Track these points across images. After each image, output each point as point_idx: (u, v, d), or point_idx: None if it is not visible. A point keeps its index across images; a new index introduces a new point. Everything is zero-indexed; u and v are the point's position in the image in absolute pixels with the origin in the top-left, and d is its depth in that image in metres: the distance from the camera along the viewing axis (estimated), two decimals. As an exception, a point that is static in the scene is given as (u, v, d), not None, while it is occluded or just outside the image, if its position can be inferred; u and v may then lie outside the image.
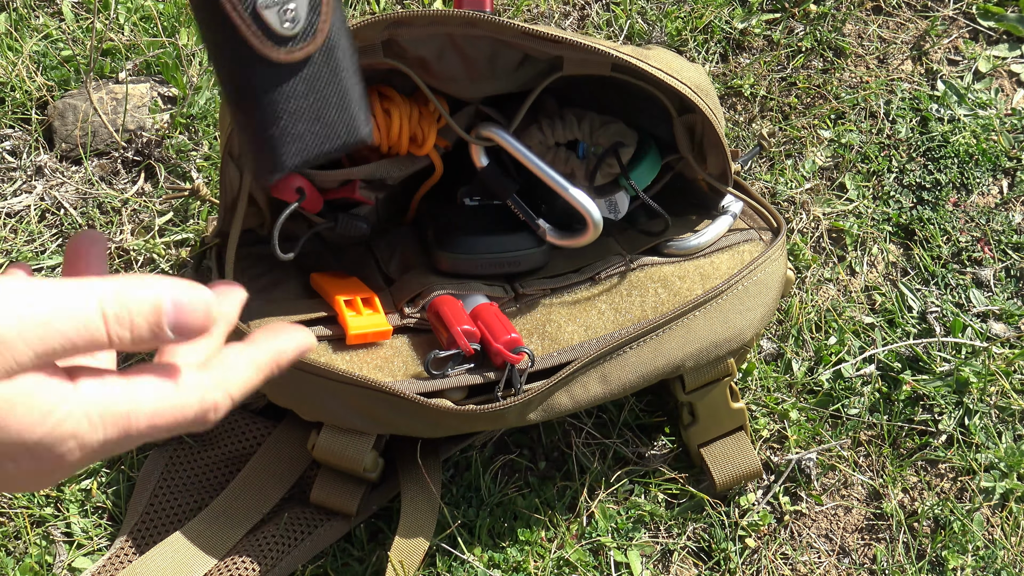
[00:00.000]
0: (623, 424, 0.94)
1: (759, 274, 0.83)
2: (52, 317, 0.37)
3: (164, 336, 0.39)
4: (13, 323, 0.36)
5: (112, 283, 0.39)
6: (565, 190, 0.82)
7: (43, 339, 0.36)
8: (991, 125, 1.08)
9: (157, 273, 0.97)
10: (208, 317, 0.40)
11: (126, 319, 0.38)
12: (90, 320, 0.37)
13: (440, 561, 0.87)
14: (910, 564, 0.90)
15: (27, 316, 0.36)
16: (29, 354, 0.36)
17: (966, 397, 0.96)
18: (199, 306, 0.40)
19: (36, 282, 0.37)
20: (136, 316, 0.39)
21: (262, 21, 0.45)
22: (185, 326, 0.40)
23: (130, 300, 0.39)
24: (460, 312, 0.81)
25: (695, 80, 0.80)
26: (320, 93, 0.47)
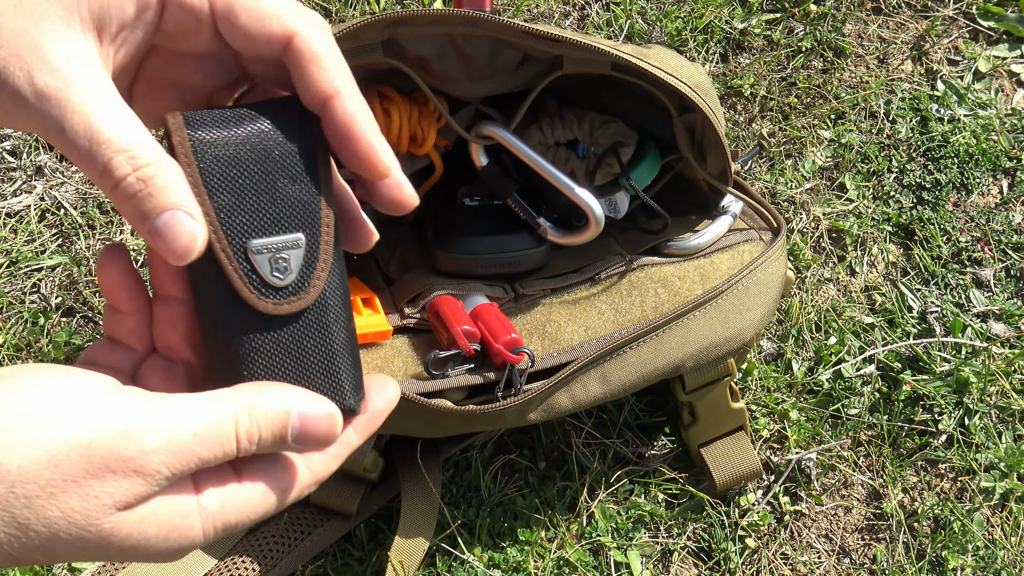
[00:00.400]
0: (623, 424, 0.94)
1: (759, 274, 0.83)
2: (193, 443, 0.39)
3: (286, 447, 0.42)
4: (160, 445, 0.38)
5: (245, 399, 0.41)
6: (566, 186, 0.82)
7: (182, 462, 0.39)
8: (991, 125, 1.08)
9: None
10: (332, 432, 0.43)
11: (255, 434, 0.41)
12: (226, 441, 0.40)
13: (440, 561, 0.87)
14: (910, 564, 0.90)
15: (171, 442, 0.39)
16: (167, 474, 0.39)
17: (966, 397, 0.96)
18: (324, 421, 0.42)
19: (177, 401, 0.40)
20: (264, 431, 0.41)
21: (251, 265, 0.42)
22: (308, 439, 0.42)
23: (261, 416, 0.41)
24: (460, 312, 0.81)
25: (695, 79, 0.80)
26: (304, 353, 0.43)
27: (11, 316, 0.95)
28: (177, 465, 0.39)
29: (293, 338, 0.43)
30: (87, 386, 0.39)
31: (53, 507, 0.37)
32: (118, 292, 0.44)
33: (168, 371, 0.46)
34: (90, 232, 0.99)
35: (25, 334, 0.95)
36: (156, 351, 0.46)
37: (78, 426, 0.38)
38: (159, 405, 0.39)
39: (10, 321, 0.95)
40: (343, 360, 0.44)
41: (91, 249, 0.98)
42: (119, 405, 0.39)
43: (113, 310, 0.45)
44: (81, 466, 0.37)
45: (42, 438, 0.37)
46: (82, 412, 0.38)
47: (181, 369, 0.45)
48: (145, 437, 0.38)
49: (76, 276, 0.97)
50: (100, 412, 0.38)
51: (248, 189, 0.42)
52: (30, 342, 0.95)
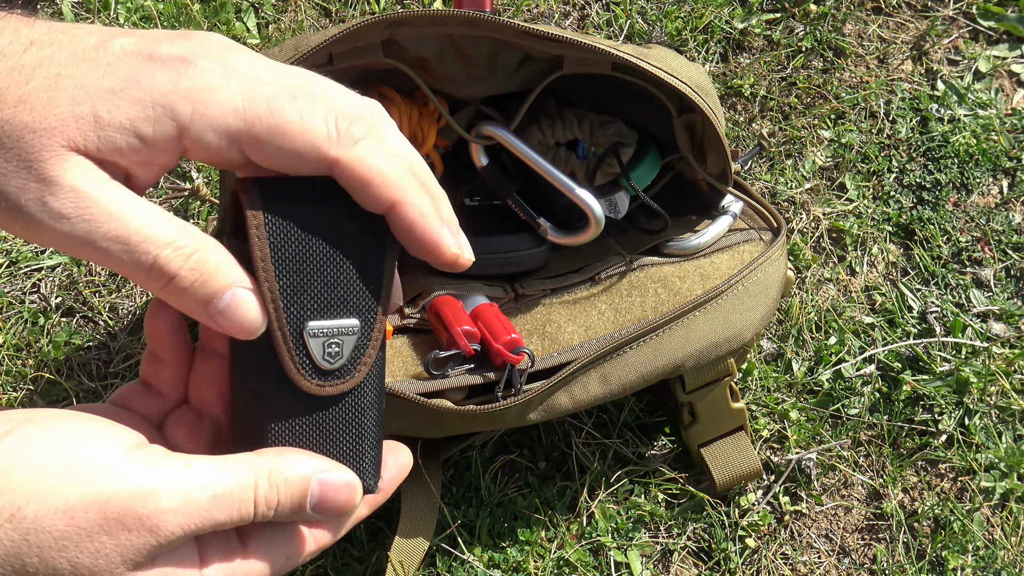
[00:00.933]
0: (623, 424, 0.94)
1: (759, 274, 0.83)
2: (211, 505, 0.39)
3: (304, 515, 0.42)
4: (177, 506, 0.38)
5: (266, 463, 0.41)
6: (566, 186, 0.82)
7: (198, 524, 0.39)
8: (991, 125, 1.08)
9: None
10: (351, 503, 0.43)
11: (274, 500, 0.41)
12: (243, 504, 0.40)
13: (440, 561, 0.87)
14: (910, 564, 0.90)
15: (189, 503, 0.38)
16: (180, 534, 0.38)
17: (966, 397, 0.96)
18: (344, 492, 0.42)
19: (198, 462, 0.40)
20: (284, 496, 0.41)
21: (305, 348, 0.41)
22: (327, 508, 0.42)
23: (281, 482, 0.41)
24: (460, 312, 0.81)
25: (695, 79, 0.80)
26: (334, 431, 0.43)
27: (11, 316, 0.95)
28: (192, 526, 0.38)
29: (326, 417, 0.43)
30: (111, 441, 0.39)
31: (63, 559, 0.37)
32: (164, 342, 0.45)
33: (195, 424, 0.45)
34: (90, 232, 0.99)
35: (25, 334, 0.95)
36: (187, 402, 0.46)
37: (97, 481, 0.37)
38: (179, 465, 0.39)
39: (10, 321, 0.95)
40: (370, 442, 0.44)
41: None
42: (140, 463, 0.39)
43: (154, 357, 0.45)
44: (96, 521, 0.37)
45: (61, 489, 0.37)
46: (103, 467, 0.38)
47: (208, 424, 0.45)
48: (163, 497, 0.38)
49: (76, 276, 0.97)
50: (121, 468, 0.38)
51: (314, 270, 0.41)
52: (30, 342, 0.95)
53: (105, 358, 0.95)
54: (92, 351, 0.95)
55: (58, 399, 0.93)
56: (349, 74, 0.78)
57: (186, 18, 1.07)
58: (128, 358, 0.94)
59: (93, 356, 0.94)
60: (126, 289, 0.97)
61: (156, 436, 0.45)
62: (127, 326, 0.96)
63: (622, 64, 0.77)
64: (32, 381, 0.93)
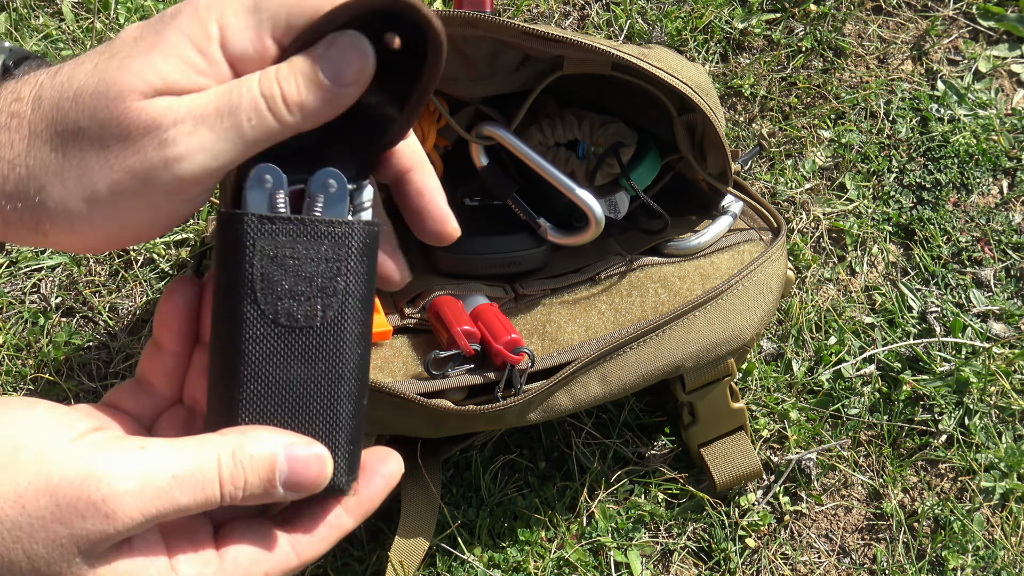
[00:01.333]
0: (623, 424, 0.94)
1: (759, 274, 0.83)
2: (172, 485, 0.37)
3: (275, 493, 0.40)
4: (134, 487, 0.36)
5: (229, 441, 0.39)
6: (566, 187, 0.82)
7: (159, 507, 0.36)
8: (991, 125, 1.08)
9: (156, 274, 0.97)
10: (322, 474, 0.40)
11: (240, 478, 0.38)
12: (207, 484, 0.38)
13: (440, 561, 0.87)
14: (910, 564, 0.90)
15: (146, 484, 0.36)
16: (139, 519, 0.36)
17: (966, 397, 0.96)
18: (314, 464, 0.40)
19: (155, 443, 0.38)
20: (250, 474, 0.39)
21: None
22: (298, 483, 0.40)
23: (246, 458, 0.39)
24: (460, 312, 0.81)
25: (695, 79, 0.80)
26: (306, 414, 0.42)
27: (11, 316, 0.95)
28: (153, 510, 0.36)
29: (298, 395, 0.42)
30: (65, 427, 0.37)
31: (18, 551, 0.35)
32: (172, 327, 0.44)
33: (187, 423, 0.44)
34: (90, 232, 0.99)
35: (25, 334, 0.95)
36: (181, 401, 0.45)
37: (46, 465, 0.35)
38: (134, 447, 0.37)
39: (10, 321, 0.95)
40: (344, 433, 0.42)
41: (91, 249, 0.98)
42: (93, 445, 0.37)
43: (157, 346, 0.44)
44: (49, 508, 0.35)
45: (10, 476, 0.35)
46: (53, 452, 0.36)
47: (200, 425, 0.44)
48: (117, 479, 0.36)
49: (76, 276, 0.97)
50: (72, 452, 0.36)
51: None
52: (30, 342, 0.95)
53: (105, 358, 0.95)
54: (92, 351, 0.95)
55: (58, 399, 0.93)
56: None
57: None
58: (128, 358, 0.94)
59: (93, 356, 0.94)
60: (126, 289, 0.97)
61: (143, 434, 0.43)
62: (127, 326, 0.96)
63: (622, 64, 0.77)
64: (32, 381, 0.93)
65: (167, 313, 0.44)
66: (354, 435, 0.43)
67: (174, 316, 0.44)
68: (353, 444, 0.43)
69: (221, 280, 0.42)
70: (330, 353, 0.42)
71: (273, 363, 0.42)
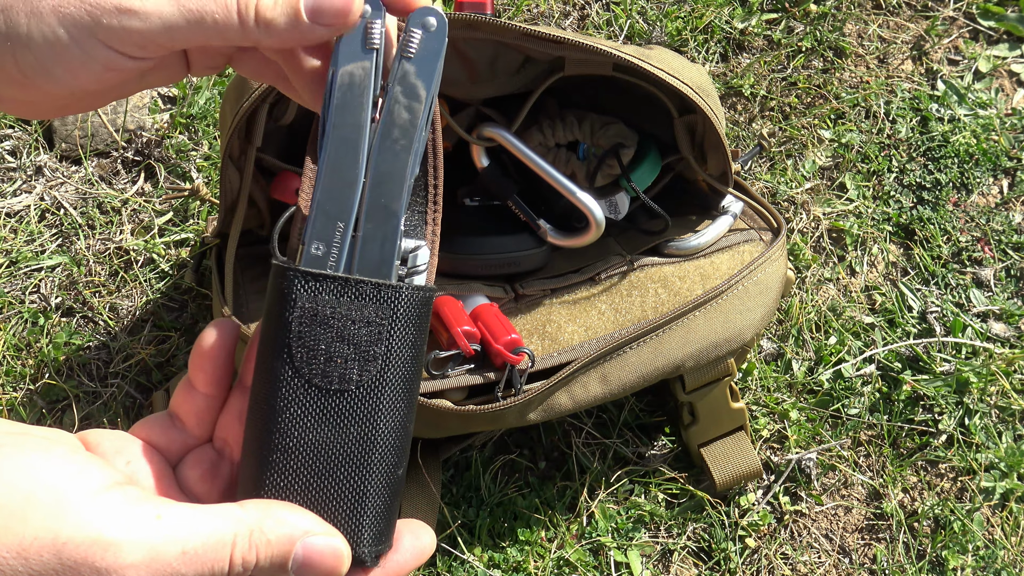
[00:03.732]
0: (623, 424, 0.94)
1: (759, 274, 0.83)
2: (180, 563, 0.35)
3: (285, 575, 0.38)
4: (140, 560, 0.35)
5: (248, 519, 0.38)
6: (567, 189, 0.82)
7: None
8: (991, 125, 1.08)
9: (156, 274, 0.97)
10: (337, 568, 0.39)
11: (252, 560, 0.37)
12: (218, 564, 0.36)
13: (440, 561, 0.87)
14: (910, 564, 0.90)
15: (155, 559, 0.35)
16: None
17: (966, 397, 0.96)
18: (329, 556, 0.39)
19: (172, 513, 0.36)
20: (263, 557, 0.38)
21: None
22: (310, 573, 0.38)
23: (263, 542, 0.38)
24: (460, 312, 0.81)
25: (696, 80, 0.80)
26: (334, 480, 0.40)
27: (11, 316, 0.95)
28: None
29: (329, 461, 0.40)
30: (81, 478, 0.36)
31: None
32: (206, 370, 0.43)
33: (214, 466, 0.44)
34: (90, 232, 0.99)
35: (25, 334, 0.95)
36: (211, 442, 0.44)
37: (57, 522, 0.34)
38: (151, 514, 0.36)
39: (10, 321, 0.95)
40: (373, 503, 0.41)
41: (91, 249, 0.98)
42: (107, 507, 0.35)
43: (190, 387, 0.44)
44: (51, 565, 0.34)
45: (17, 526, 0.34)
46: (65, 507, 0.35)
47: (227, 468, 0.43)
48: (125, 550, 0.34)
49: (76, 276, 0.97)
50: (85, 511, 0.35)
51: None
52: (30, 342, 0.95)
53: (105, 358, 0.95)
54: (92, 351, 0.95)
55: (58, 399, 0.93)
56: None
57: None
58: (128, 358, 0.94)
59: (93, 356, 0.94)
60: (126, 289, 0.97)
61: (168, 472, 0.43)
62: (127, 326, 0.96)
63: (623, 65, 0.77)
64: (32, 381, 0.93)
65: (201, 356, 0.43)
66: (385, 506, 0.41)
67: (208, 359, 0.43)
68: (383, 514, 0.41)
69: (264, 332, 0.42)
70: (363, 419, 0.41)
71: (305, 425, 0.40)
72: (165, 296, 0.97)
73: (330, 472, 0.40)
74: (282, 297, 0.41)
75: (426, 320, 0.42)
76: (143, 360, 0.94)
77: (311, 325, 0.40)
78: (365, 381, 0.41)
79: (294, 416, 0.40)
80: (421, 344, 0.42)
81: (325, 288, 0.40)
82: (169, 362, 0.94)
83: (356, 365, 0.40)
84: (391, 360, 0.41)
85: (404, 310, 0.41)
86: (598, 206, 0.82)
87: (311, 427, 0.40)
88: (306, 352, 0.40)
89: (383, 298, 0.41)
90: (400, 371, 0.41)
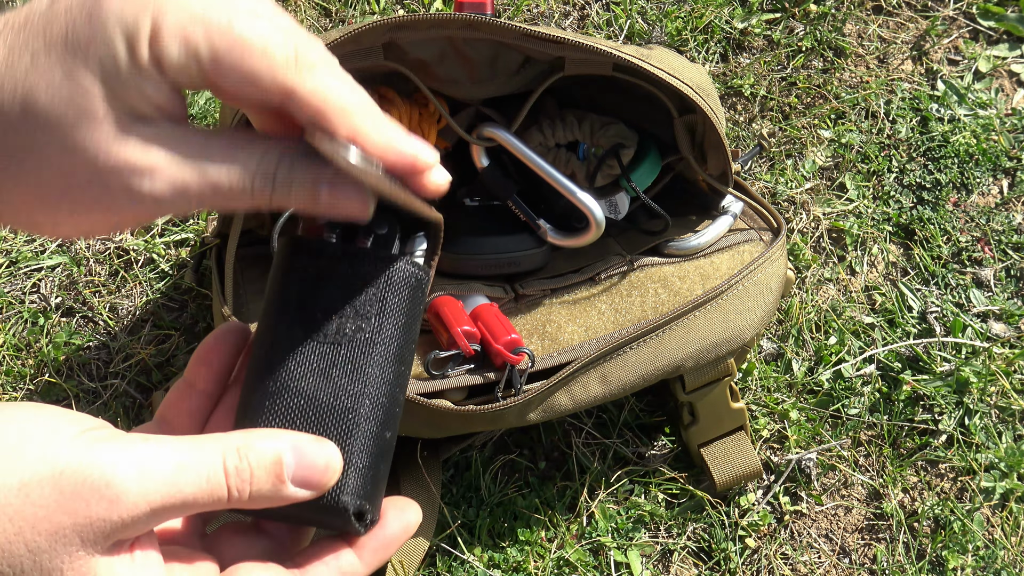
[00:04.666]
0: (623, 424, 0.94)
1: (759, 274, 0.84)
2: (176, 474, 0.36)
3: (285, 490, 0.39)
4: (132, 475, 0.35)
5: (235, 437, 0.38)
6: (567, 189, 0.82)
7: (165, 497, 0.36)
8: (991, 125, 1.08)
9: (156, 274, 0.97)
10: (330, 471, 0.40)
11: (247, 472, 0.38)
12: (213, 476, 0.37)
13: (440, 561, 0.87)
14: (910, 564, 0.90)
15: (149, 470, 0.36)
16: (144, 508, 0.35)
17: (966, 397, 0.96)
18: (321, 459, 0.39)
19: (158, 438, 0.37)
20: (257, 469, 0.38)
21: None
22: (308, 478, 0.39)
23: (252, 452, 0.38)
24: (460, 313, 0.81)
25: (696, 80, 0.80)
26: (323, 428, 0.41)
27: (11, 316, 0.96)
28: (159, 500, 0.35)
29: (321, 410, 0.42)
30: (70, 424, 0.37)
31: (19, 543, 0.34)
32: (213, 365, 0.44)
33: None
34: (90, 232, 0.99)
35: (25, 334, 0.95)
36: None
37: (52, 456, 0.35)
38: (137, 439, 0.37)
39: (10, 321, 0.95)
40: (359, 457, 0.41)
41: (90, 249, 0.98)
42: (97, 438, 0.36)
43: (187, 385, 0.44)
44: (52, 497, 0.34)
45: (14, 466, 0.35)
46: (59, 445, 0.35)
47: None
48: (121, 466, 0.35)
49: (76, 276, 0.97)
50: (77, 444, 0.36)
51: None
52: (30, 342, 0.95)
53: (105, 358, 0.95)
54: (92, 351, 0.95)
55: (58, 399, 0.93)
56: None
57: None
58: (128, 358, 0.94)
59: (93, 356, 0.95)
60: (126, 289, 0.97)
61: None
62: (127, 326, 0.96)
63: (623, 65, 0.77)
64: (32, 381, 0.93)
65: (210, 350, 0.44)
66: (371, 462, 0.42)
67: (216, 354, 0.44)
68: (370, 468, 0.42)
69: (268, 292, 0.43)
70: (353, 372, 0.42)
71: (299, 374, 0.42)
72: (165, 296, 0.97)
73: (320, 420, 0.42)
74: (286, 259, 0.43)
75: (420, 298, 0.44)
76: (143, 360, 0.94)
77: (314, 282, 0.43)
78: (358, 339, 0.42)
79: (290, 364, 0.42)
80: (414, 319, 0.44)
81: (328, 251, 0.43)
82: (169, 362, 0.94)
83: (351, 322, 0.42)
84: (384, 322, 0.43)
85: (399, 277, 0.43)
86: (598, 206, 0.82)
87: (305, 375, 0.42)
88: (305, 306, 0.42)
89: (381, 261, 0.43)
90: (392, 334, 0.43)
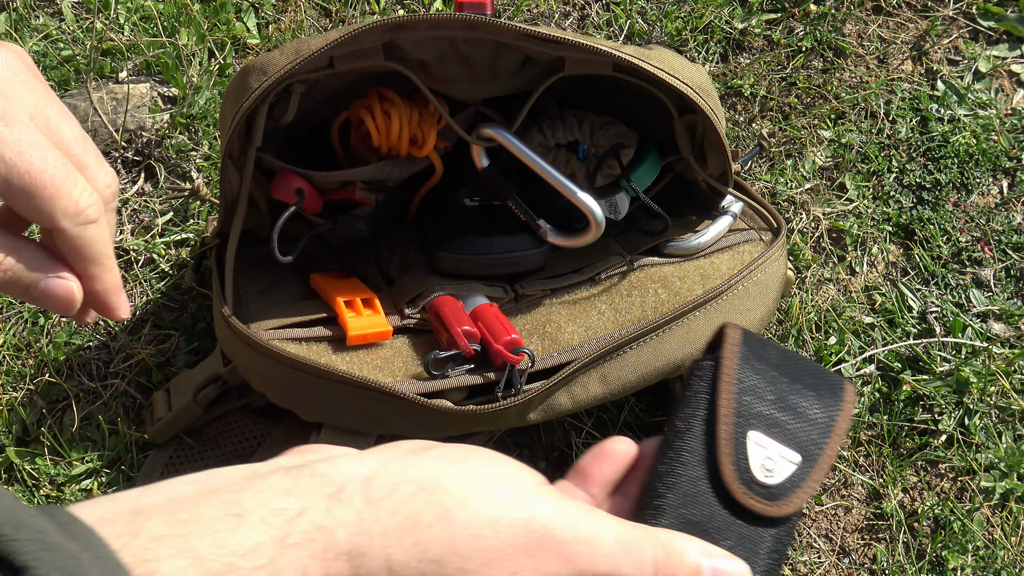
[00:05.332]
0: (623, 424, 0.94)
1: (759, 274, 0.84)
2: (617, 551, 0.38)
3: None
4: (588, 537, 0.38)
5: (662, 534, 0.40)
6: (567, 189, 0.82)
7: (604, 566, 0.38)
8: (991, 125, 1.08)
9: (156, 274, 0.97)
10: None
11: (669, 571, 0.40)
12: (643, 565, 0.39)
13: (440, 561, 0.87)
14: (910, 564, 0.90)
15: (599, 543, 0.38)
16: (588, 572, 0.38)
17: (966, 397, 0.96)
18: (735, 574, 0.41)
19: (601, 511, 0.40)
20: (678, 570, 0.40)
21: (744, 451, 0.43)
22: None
23: (675, 554, 0.40)
24: (460, 313, 0.81)
25: (696, 80, 0.80)
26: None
27: (11, 316, 0.96)
28: (601, 566, 0.38)
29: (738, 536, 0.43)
30: (522, 474, 0.40)
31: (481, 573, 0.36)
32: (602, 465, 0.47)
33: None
34: (90, 232, 0.99)
35: (25, 334, 0.95)
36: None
37: (518, 500, 0.38)
38: (586, 507, 0.39)
39: (10, 321, 0.95)
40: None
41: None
42: (552, 496, 0.39)
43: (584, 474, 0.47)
44: (520, 538, 0.37)
45: (488, 501, 0.37)
46: (522, 491, 0.39)
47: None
48: (579, 529, 0.38)
49: (76, 276, 0.97)
50: (539, 496, 0.39)
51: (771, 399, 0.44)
52: (30, 342, 0.95)
53: (105, 358, 0.95)
54: (92, 351, 0.95)
55: (58, 399, 0.93)
56: (349, 76, 0.78)
57: (186, 18, 1.07)
58: (128, 358, 0.94)
59: (93, 356, 0.94)
60: (126, 289, 0.97)
61: None
62: (127, 326, 0.96)
63: (623, 65, 0.77)
64: (32, 381, 0.93)
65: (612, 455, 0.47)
66: None
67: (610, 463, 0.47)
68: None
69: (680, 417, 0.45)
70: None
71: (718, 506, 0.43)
72: (165, 296, 0.97)
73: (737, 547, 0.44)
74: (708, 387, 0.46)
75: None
76: (143, 360, 0.94)
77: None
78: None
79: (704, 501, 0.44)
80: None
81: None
82: (169, 362, 0.94)
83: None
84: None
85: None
86: (598, 206, 0.82)
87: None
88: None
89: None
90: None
